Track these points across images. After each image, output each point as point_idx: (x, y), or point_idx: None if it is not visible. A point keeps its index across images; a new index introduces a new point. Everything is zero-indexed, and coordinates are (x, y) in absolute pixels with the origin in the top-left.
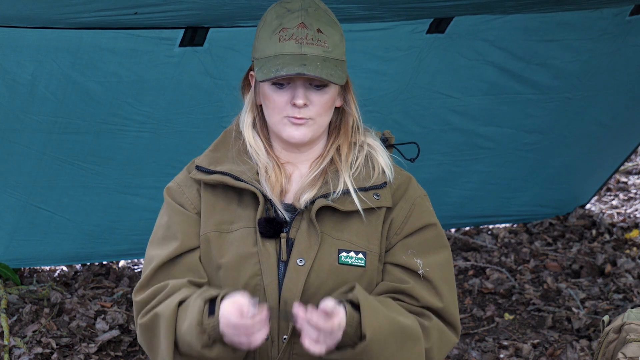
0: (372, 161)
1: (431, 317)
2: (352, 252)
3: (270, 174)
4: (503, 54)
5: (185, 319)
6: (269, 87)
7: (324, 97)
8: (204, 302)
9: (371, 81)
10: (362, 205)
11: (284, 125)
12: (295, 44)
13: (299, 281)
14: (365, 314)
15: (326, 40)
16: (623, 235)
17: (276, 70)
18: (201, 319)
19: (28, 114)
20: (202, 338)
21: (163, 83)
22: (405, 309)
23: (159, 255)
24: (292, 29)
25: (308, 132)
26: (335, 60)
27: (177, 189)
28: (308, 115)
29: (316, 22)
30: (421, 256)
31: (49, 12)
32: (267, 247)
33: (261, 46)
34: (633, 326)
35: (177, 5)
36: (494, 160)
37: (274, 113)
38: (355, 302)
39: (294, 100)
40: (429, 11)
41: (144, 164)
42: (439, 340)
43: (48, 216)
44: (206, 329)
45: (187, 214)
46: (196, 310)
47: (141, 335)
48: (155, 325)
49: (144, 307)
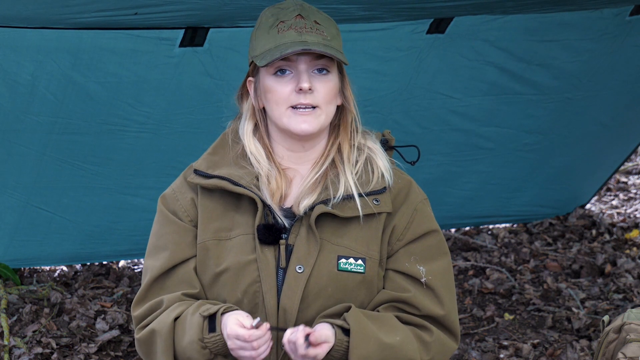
0: (372, 165)
1: (432, 330)
2: (351, 258)
3: (271, 182)
4: (503, 54)
5: (185, 335)
6: (271, 78)
7: (328, 84)
8: (203, 319)
9: (371, 81)
10: (362, 210)
11: (290, 118)
12: (295, 33)
13: (297, 288)
14: (354, 342)
15: (324, 30)
16: (623, 235)
17: (280, 52)
18: (202, 335)
19: (28, 115)
20: (204, 353)
21: (163, 83)
22: (405, 319)
23: (152, 267)
24: (289, 20)
25: (315, 122)
26: (335, 49)
27: (172, 195)
28: (314, 101)
29: (312, 15)
30: (423, 263)
31: (48, 12)
32: (265, 253)
33: (260, 43)
34: (633, 326)
35: (177, 5)
36: (494, 160)
37: (278, 105)
38: (346, 327)
39: (300, 84)
40: (429, 12)
41: (144, 164)
42: (439, 353)
43: (48, 217)
44: (207, 345)
45: (179, 223)
46: (195, 327)
47: (139, 348)
48: (152, 341)
49: (141, 321)
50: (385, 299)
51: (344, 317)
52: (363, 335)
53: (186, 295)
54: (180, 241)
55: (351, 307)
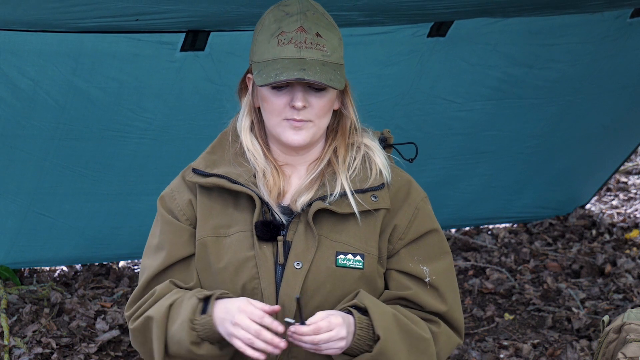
0: (369, 162)
1: (439, 322)
2: (349, 254)
3: (268, 178)
4: (504, 57)
5: (177, 318)
6: (267, 90)
7: (323, 100)
8: (198, 301)
9: (373, 86)
10: (359, 207)
11: (283, 129)
12: (295, 48)
13: (296, 284)
14: (375, 316)
15: (325, 44)
16: (623, 235)
17: (275, 75)
18: (193, 316)
19: (29, 120)
20: (192, 335)
21: (164, 89)
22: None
23: (150, 267)
24: (290, 33)
25: (307, 135)
26: (334, 64)
27: (170, 194)
28: (307, 117)
29: (315, 26)
30: (426, 263)
31: (49, 17)
32: (264, 250)
33: (259, 50)
34: (633, 326)
35: (177, 12)
36: (496, 163)
37: (272, 116)
38: (362, 306)
39: (293, 103)
40: (430, 17)
41: (146, 170)
42: (445, 344)
43: (49, 222)
44: (196, 326)
45: (176, 223)
46: (189, 308)
47: (134, 339)
48: (147, 328)
49: (134, 314)
50: (387, 297)
51: (356, 299)
52: (381, 311)
53: (175, 285)
54: (176, 241)
55: (360, 291)
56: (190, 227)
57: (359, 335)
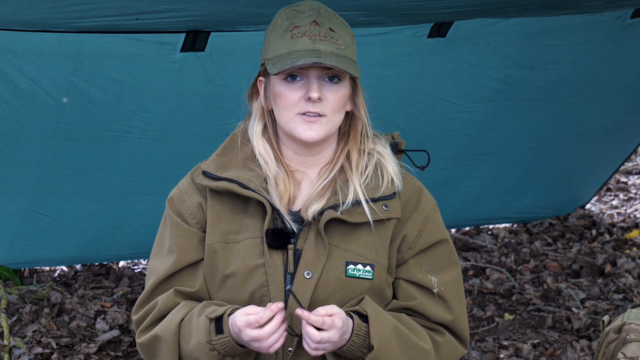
0: (381, 170)
1: (444, 332)
2: (359, 264)
3: (279, 184)
4: (505, 58)
5: (191, 337)
6: (281, 83)
7: (338, 93)
8: (210, 321)
9: (373, 88)
10: (373, 216)
11: (296, 124)
12: (309, 40)
13: (305, 294)
14: (373, 325)
15: (339, 39)
16: (623, 235)
17: (291, 62)
18: (209, 337)
19: (30, 120)
20: (212, 355)
21: (165, 89)
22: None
23: (158, 270)
24: (304, 27)
25: (321, 130)
26: (348, 58)
27: (179, 196)
28: (322, 110)
29: (328, 22)
30: (435, 273)
31: (49, 17)
32: (274, 258)
33: (273, 46)
34: (633, 326)
35: (178, 12)
36: (496, 164)
37: (286, 111)
38: (364, 313)
39: (309, 94)
40: (430, 17)
41: (146, 170)
42: (449, 354)
43: (49, 222)
44: (216, 347)
45: (185, 227)
46: (202, 329)
47: (142, 352)
48: (155, 346)
49: (140, 324)
50: (393, 307)
51: (359, 305)
52: (381, 320)
53: (179, 292)
54: (186, 245)
55: (365, 297)
56: (199, 231)
57: (353, 342)
